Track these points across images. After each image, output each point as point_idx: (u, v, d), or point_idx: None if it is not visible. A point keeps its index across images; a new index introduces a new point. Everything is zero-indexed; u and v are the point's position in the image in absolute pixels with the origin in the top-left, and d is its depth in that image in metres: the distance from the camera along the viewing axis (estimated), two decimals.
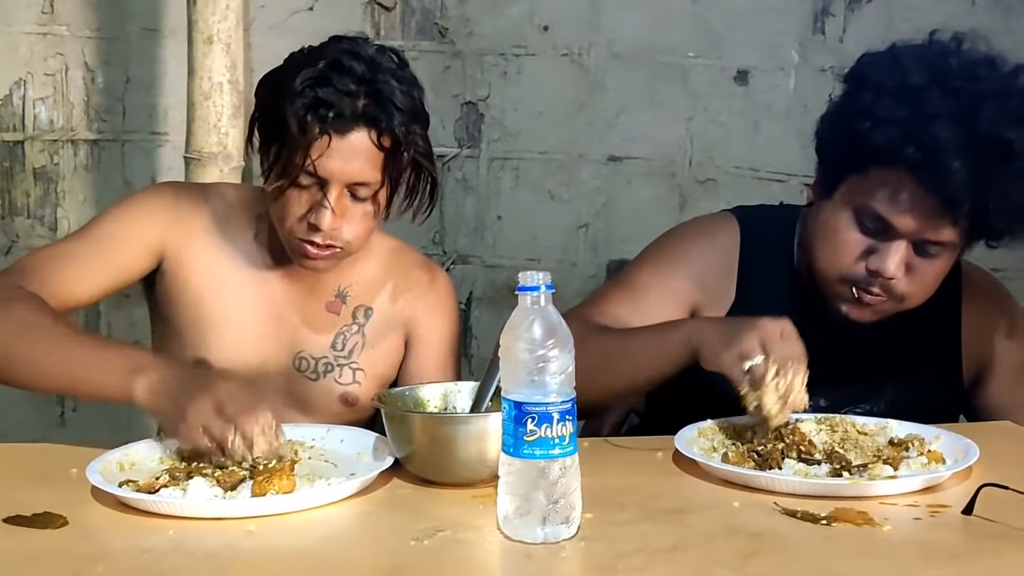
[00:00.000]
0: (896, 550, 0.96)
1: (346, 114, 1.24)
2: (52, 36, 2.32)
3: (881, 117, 1.23)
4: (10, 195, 2.36)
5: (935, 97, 1.21)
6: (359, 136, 1.25)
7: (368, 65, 1.26)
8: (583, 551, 0.94)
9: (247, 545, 0.96)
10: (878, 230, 1.27)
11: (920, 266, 1.28)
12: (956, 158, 1.19)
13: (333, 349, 1.40)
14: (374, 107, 1.25)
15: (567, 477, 0.95)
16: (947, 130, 1.20)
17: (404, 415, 1.15)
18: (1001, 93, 1.23)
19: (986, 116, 1.20)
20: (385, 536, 1.00)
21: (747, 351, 1.14)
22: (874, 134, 1.23)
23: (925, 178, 1.21)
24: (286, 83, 1.26)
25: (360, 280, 1.42)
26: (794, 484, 1.08)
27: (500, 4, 2.38)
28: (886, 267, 1.27)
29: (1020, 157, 1.20)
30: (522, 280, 0.97)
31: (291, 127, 1.24)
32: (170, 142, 2.32)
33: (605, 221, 2.43)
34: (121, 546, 0.97)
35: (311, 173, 1.26)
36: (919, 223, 1.25)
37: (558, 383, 0.95)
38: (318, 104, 1.24)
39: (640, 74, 2.39)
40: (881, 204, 1.25)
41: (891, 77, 1.25)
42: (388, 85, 1.26)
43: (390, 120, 1.26)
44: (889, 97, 1.24)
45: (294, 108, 1.24)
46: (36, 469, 1.17)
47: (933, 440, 1.21)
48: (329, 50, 1.28)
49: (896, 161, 1.23)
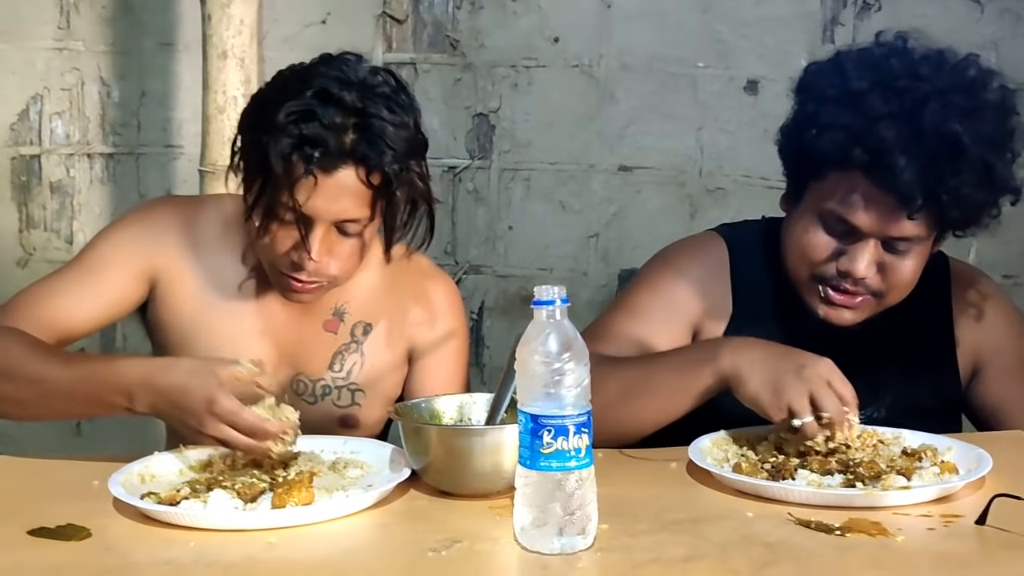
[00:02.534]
0: (910, 560, 0.97)
1: (333, 151, 1.18)
2: (68, 51, 2.34)
3: (826, 124, 1.27)
4: (27, 208, 2.38)
5: (877, 99, 1.24)
6: (346, 174, 1.19)
7: (359, 92, 1.19)
8: (599, 562, 0.95)
9: (267, 556, 0.97)
10: (844, 232, 1.30)
11: (893, 262, 1.30)
12: (904, 156, 1.21)
13: (331, 370, 1.36)
14: (363, 144, 1.19)
15: (583, 489, 0.96)
16: (891, 129, 1.22)
17: (420, 427, 1.17)
18: (946, 88, 1.25)
19: (931, 112, 1.22)
20: (403, 547, 1.01)
21: (798, 408, 1.15)
22: (822, 141, 1.27)
23: (877, 178, 1.24)
24: (269, 116, 1.19)
25: (359, 295, 1.37)
26: (808, 494, 1.09)
27: (511, 16, 2.39)
28: (856, 268, 1.29)
29: (968, 150, 1.22)
30: (537, 294, 0.98)
31: (274, 166, 1.17)
32: (185, 155, 2.35)
33: (616, 231, 2.44)
34: (144, 558, 0.98)
35: (297, 211, 1.20)
36: (879, 222, 1.27)
37: (574, 396, 0.96)
38: (303, 141, 1.17)
39: (650, 84, 2.40)
40: (840, 206, 1.28)
41: (833, 84, 1.28)
42: (379, 119, 1.19)
43: (380, 158, 1.19)
44: (833, 104, 1.27)
45: (278, 146, 1.17)
46: (58, 481, 1.19)
47: (946, 451, 1.21)
48: (317, 75, 1.21)
49: (848, 164, 1.26)
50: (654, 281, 1.43)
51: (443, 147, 2.41)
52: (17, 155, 2.37)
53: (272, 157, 1.17)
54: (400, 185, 1.22)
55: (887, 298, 1.33)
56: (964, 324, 1.44)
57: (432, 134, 2.38)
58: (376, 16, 2.38)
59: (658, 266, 1.46)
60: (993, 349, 1.44)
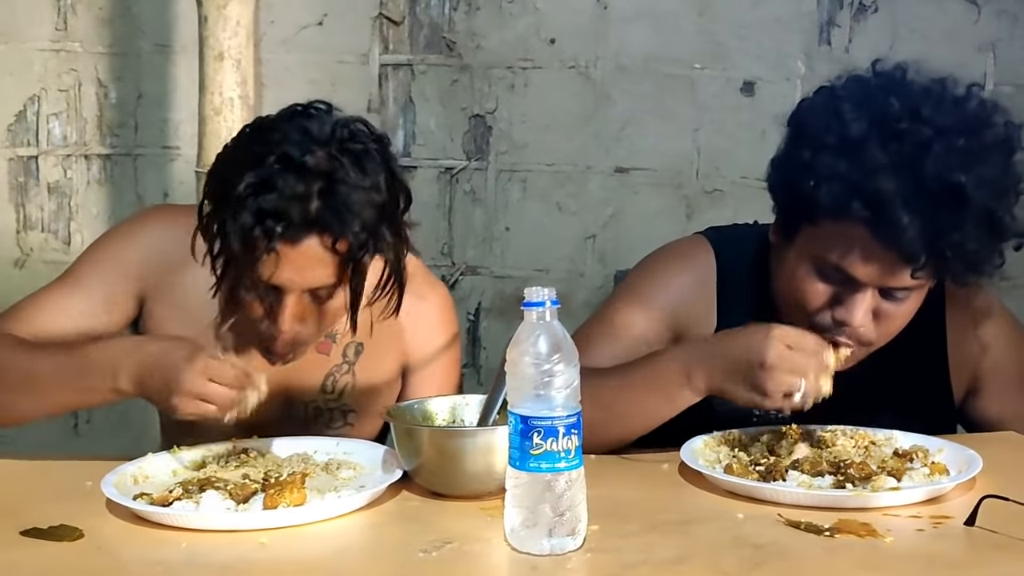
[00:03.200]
0: (899, 561, 0.97)
1: (296, 221, 1.12)
2: (65, 52, 2.35)
3: (822, 175, 1.19)
4: (24, 209, 2.39)
5: (875, 147, 1.17)
6: (311, 243, 1.14)
7: (326, 152, 1.14)
8: (589, 563, 0.96)
9: (259, 557, 0.97)
10: (841, 280, 1.25)
11: (888, 310, 1.26)
12: (905, 210, 1.15)
13: (323, 392, 1.35)
14: (328, 212, 1.13)
15: (573, 490, 0.96)
16: (892, 182, 1.16)
17: (412, 428, 1.17)
18: (948, 131, 1.18)
19: (932, 161, 1.16)
20: (394, 548, 1.01)
21: (789, 386, 1.14)
22: (819, 192, 1.20)
23: (877, 232, 1.18)
24: (229, 186, 1.14)
25: None
26: (798, 495, 1.09)
27: (507, 18, 2.39)
28: (852, 318, 1.24)
29: (973, 200, 1.16)
30: (527, 295, 0.98)
31: (233, 243, 1.13)
32: (182, 156, 2.35)
33: (613, 232, 2.44)
34: (135, 558, 0.99)
35: (265, 284, 1.17)
36: (879, 274, 1.22)
37: (563, 397, 0.96)
38: (263, 215, 1.12)
39: (646, 86, 2.40)
40: (838, 258, 1.22)
41: (830, 128, 1.21)
42: (346, 184, 1.13)
43: (345, 227, 1.14)
44: (828, 151, 1.20)
45: (238, 222, 1.12)
46: (51, 482, 1.19)
47: (936, 452, 1.21)
48: (279, 137, 1.15)
49: (845, 216, 1.19)
50: (635, 291, 1.40)
51: (440, 148, 2.42)
52: (14, 156, 2.37)
53: (231, 233, 1.13)
54: (367, 253, 1.17)
55: (876, 344, 1.29)
56: (959, 340, 1.41)
57: (429, 135, 2.43)
58: (372, 17, 2.39)
59: (641, 277, 1.43)
60: (991, 364, 1.41)
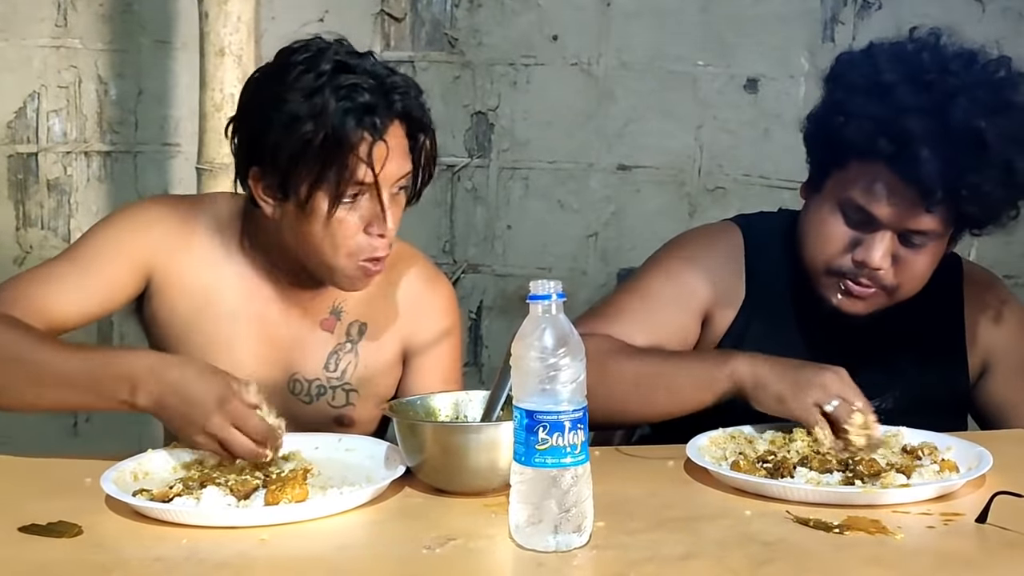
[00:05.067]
0: (910, 559, 0.96)
1: (381, 112, 1.19)
2: (65, 49, 2.34)
3: (854, 113, 1.27)
4: (24, 206, 2.38)
5: (906, 91, 1.25)
6: (395, 131, 1.21)
7: (367, 60, 1.22)
8: (595, 559, 0.94)
9: (260, 554, 0.96)
10: (861, 221, 1.30)
11: (907, 256, 1.31)
12: (927, 149, 1.22)
13: (326, 370, 1.34)
14: (399, 100, 1.21)
15: (579, 486, 0.95)
16: (918, 123, 1.23)
17: (415, 424, 1.16)
18: (974, 85, 1.25)
19: (958, 108, 1.23)
20: (397, 544, 1.00)
21: (822, 398, 1.18)
22: (848, 129, 1.27)
23: (899, 169, 1.25)
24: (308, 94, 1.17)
25: (355, 295, 1.33)
26: (806, 492, 1.08)
27: (509, 14, 2.39)
28: (871, 257, 1.29)
29: (992, 147, 1.22)
30: (533, 289, 0.97)
31: (331, 140, 1.16)
32: (182, 153, 2.34)
33: (615, 230, 2.43)
34: (135, 555, 0.97)
35: (365, 183, 1.19)
36: (898, 213, 1.27)
37: (569, 392, 0.95)
38: (359, 109, 1.18)
39: (649, 83, 2.39)
40: (861, 196, 1.29)
41: (864, 75, 1.29)
42: (394, 74, 1.23)
43: (420, 109, 1.23)
44: (862, 94, 1.28)
45: (327, 119, 1.16)
46: (50, 479, 1.18)
47: (946, 449, 1.20)
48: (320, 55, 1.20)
49: (872, 154, 1.26)
50: (667, 265, 1.44)
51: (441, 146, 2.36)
52: (14, 153, 2.36)
53: (333, 131, 1.16)
54: (427, 132, 1.25)
55: (899, 292, 1.33)
56: (975, 323, 1.45)
57: None
58: (374, 14, 2.38)
59: (672, 251, 1.47)
60: (1003, 349, 1.45)
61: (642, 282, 1.44)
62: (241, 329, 1.32)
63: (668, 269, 1.43)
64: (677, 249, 1.47)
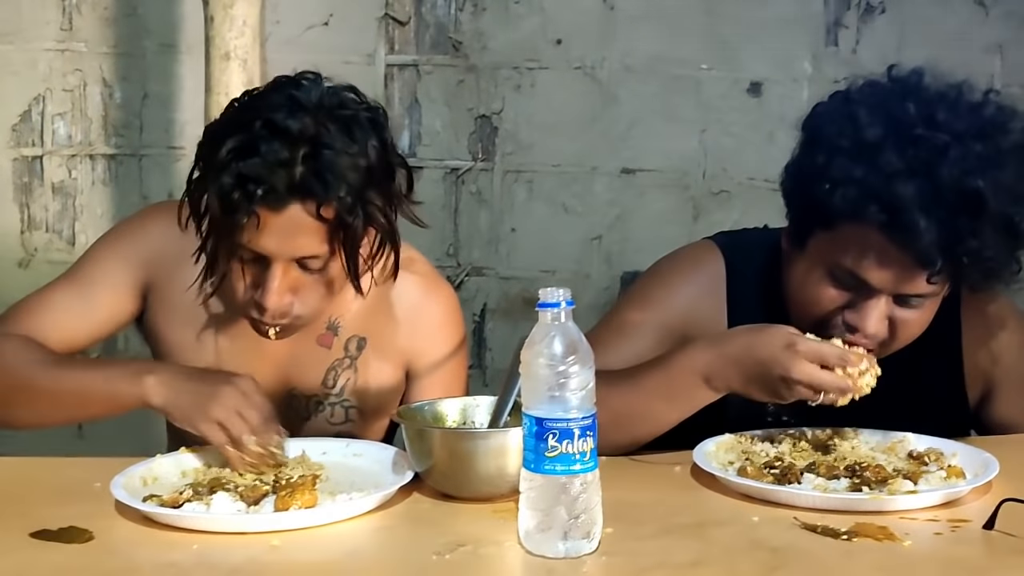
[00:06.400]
0: (917, 565, 0.96)
1: (279, 188, 1.11)
2: (71, 52, 2.34)
3: (838, 179, 1.19)
4: (29, 209, 2.38)
5: (892, 151, 1.17)
6: (295, 210, 1.13)
7: (312, 118, 1.12)
8: (604, 566, 0.95)
9: (271, 559, 0.97)
10: (854, 286, 1.23)
11: (903, 317, 1.24)
12: (922, 214, 1.15)
13: (324, 386, 1.32)
14: (311, 177, 1.11)
15: (588, 492, 0.96)
16: (909, 186, 1.15)
17: (423, 430, 1.16)
18: (965, 136, 1.17)
19: (949, 166, 1.15)
20: (407, 550, 1.00)
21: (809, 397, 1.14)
22: (834, 196, 1.19)
23: (894, 236, 1.17)
24: (213, 152, 1.13)
25: (353, 308, 1.31)
26: (814, 499, 1.08)
27: (513, 18, 2.39)
28: (866, 326, 1.23)
29: (990, 206, 1.16)
30: (542, 296, 0.97)
31: (212, 207, 1.13)
32: (187, 157, 2.31)
33: (619, 233, 2.43)
34: (146, 560, 0.98)
35: (248, 251, 1.15)
36: (894, 280, 1.21)
37: (579, 399, 0.95)
38: (244, 180, 1.11)
39: (653, 86, 2.40)
40: (852, 262, 1.21)
41: (844, 132, 1.20)
42: (332, 148, 1.12)
43: (328, 191, 1.12)
44: (844, 156, 1.19)
45: (217, 185, 1.12)
46: (59, 483, 1.18)
47: (952, 455, 1.20)
48: (266, 104, 1.14)
49: (861, 220, 1.18)
50: (646, 298, 1.39)
51: (446, 149, 2.41)
52: (19, 156, 2.36)
53: (211, 197, 1.13)
54: (356, 218, 1.15)
55: (893, 347, 1.28)
56: (974, 343, 1.40)
57: (434, 136, 2.42)
58: (378, 18, 2.38)
59: (651, 283, 1.42)
60: (1006, 368, 1.40)
61: (621, 315, 1.40)
62: (238, 343, 1.31)
63: (647, 301, 1.39)
64: (654, 280, 1.42)
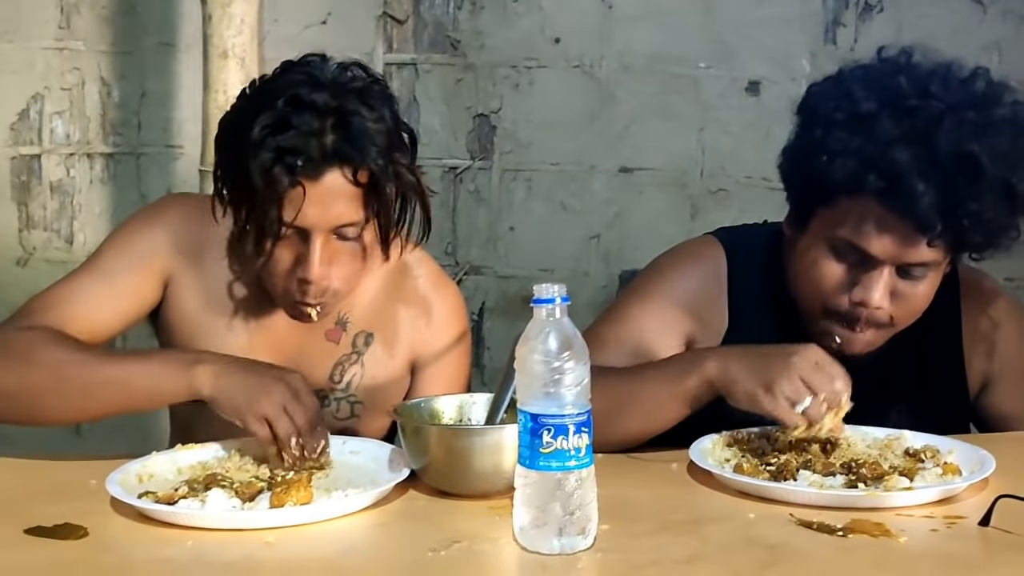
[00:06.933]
0: (913, 562, 0.96)
1: (315, 156, 1.14)
2: (68, 51, 2.34)
3: (835, 150, 1.20)
4: (27, 208, 2.38)
5: (888, 121, 1.19)
6: (333, 177, 1.16)
7: (331, 91, 1.16)
8: (599, 562, 0.95)
9: (266, 556, 0.97)
10: (857, 260, 1.24)
11: (906, 289, 1.25)
12: (920, 180, 1.16)
13: (331, 381, 1.33)
14: (345, 143, 1.15)
15: (583, 489, 0.96)
16: (906, 153, 1.17)
17: (419, 427, 1.16)
18: (958, 105, 1.19)
19: (945, 133, 1.17)
20: (402, 547, 1.00)
21: (794, 395, 1.13)
22: (832, 168, 1.21)
23: (893, 203, 1.19)
24: (244, 133, 1.15)
25: (361, 303, 1.33)
26: (810, 495, 1.08)
27: (512, 17, 2.39)
28: (870, 297, 1.23)
29: (988, 170, 1.17)
30: (537, 292, 0.97)
31: (256, 183, 1.14)
32: (185, 155, 2.34)
33: (617, 232, 2.44)
34: (141, 557, 0.98)
35: (291, 226, 1.17)
36: (895, 248, 1.22)
37: (574, 395, 0.95)
38: (283, 153, 1.14)
39: (651, 85, 2.40)
40: (854, 234, 1.23)
41: (840, 107, 1.22)
42: (358, 115, 1.16)
43: (364, 155, 1.16)
44: (840, 128, 1.21)
45: (258, 162, 1.14)
46: (55, 481, 1.18)
47: (948, 452, 1.20)
48: (284, 83, 1.17)
49: (860, 190, 1.20)
50: (647, 292, 1.39)
51: (444, 148, 2.41)
52: (17, 155, 2.36)
53: (254, 174, 1.14)
54: (388, 180, 1.19)
55: (897, 325, 1.28)
56: (973, 336, 1.40)
57: (433, 134, 2.42)
58: (377, 16, 2.38)
59: (652, 277, 1.42)
60: (1004, 360, 1.41)
61: (621, 310, 1.40)
62: (244, 337, 1.32)
63: (648, 296, 1.38)
64: (657, 275, 1.41)
